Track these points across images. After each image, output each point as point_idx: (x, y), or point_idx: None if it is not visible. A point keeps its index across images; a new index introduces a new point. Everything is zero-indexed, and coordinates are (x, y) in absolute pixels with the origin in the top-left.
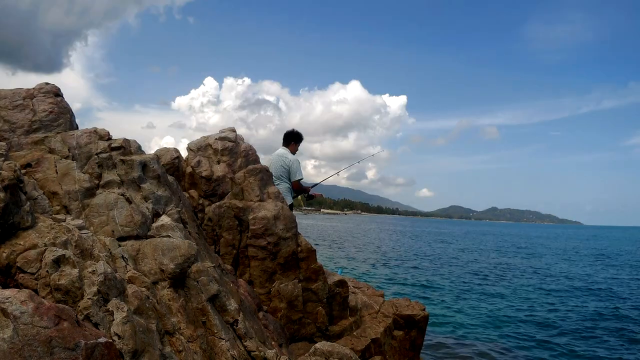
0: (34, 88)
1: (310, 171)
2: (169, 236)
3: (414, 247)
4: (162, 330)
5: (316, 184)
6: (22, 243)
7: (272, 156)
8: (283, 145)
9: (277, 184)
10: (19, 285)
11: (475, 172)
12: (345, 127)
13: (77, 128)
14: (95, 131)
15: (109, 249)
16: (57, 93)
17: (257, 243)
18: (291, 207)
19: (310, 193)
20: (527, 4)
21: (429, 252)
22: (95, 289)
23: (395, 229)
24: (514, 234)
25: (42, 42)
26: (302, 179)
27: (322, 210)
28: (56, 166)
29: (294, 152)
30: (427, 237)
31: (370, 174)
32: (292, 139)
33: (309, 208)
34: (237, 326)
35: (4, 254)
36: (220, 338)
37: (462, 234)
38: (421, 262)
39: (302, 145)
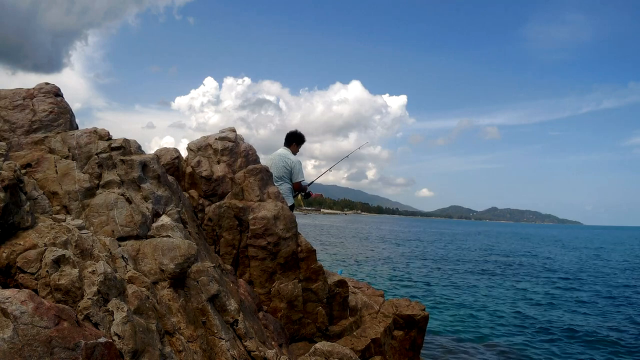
0: (34, 88)
1: (311, 171)
2: (169, 236)
3: (414, 247)
4: (162, 330)
5: (311, 182)
6: (22, 243)
7: (273, 156)
8: (285, 145)
9: (279, 185)
10: (19, 285)
11: (475, 172)
12: (346, 127)
13: (77, 128)
14: (95, 131)
15: (109, 249)
16: (57, 93)
17: (257, 243)
18: (292, 207)
19: (307, 192)
20: (527, 4)
21: (429, 252)
22: (95, 289)
23: (395, 229)
24: (515, 234)
25: (42, 42)
26: (303, 180)
27: (322, 210)
28: (56, 166)
29: (295, 153)
30: (427, 237)
31: (370, 174)
32: (294, 140)
33: (309, 208)
34: (237, 326)
35: (4, 254)
36: (220, 338)
37: (462, 234)
38: (421, 262)
39: (302, 145)
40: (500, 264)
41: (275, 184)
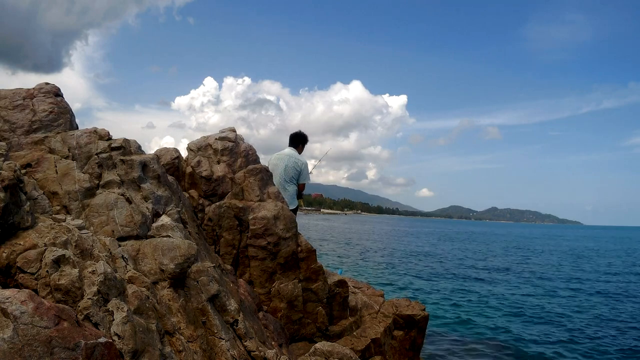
0: (34, 88)
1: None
2: (169, 236)
3: (414, 247)
4: (162, 330)
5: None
6: (22, 243)
7: (281, 155)
8: (290, 146)
9: (290, 186)
10: (19, 285)
11: (475, 172)
12: (346, 127)
13: (77, 128)
14: (95, 131)
15: (109, 249)
16: (57, 93)
17: (257, 243)
18: (296, 209)
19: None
20: (527, 4)
21: (429, 253)
22: (95, 289)
23: (395, 229)
24: (516, 234)
25: (42, 42)
26: (309, 182)
27: (322, 210)
28: (56, 166)
29: (300, 153)
30: (427, 238)
31: (371, 174)
32: (301, 141)
33: (309, 208)
34: (237, 326)
35: (4, 254)
36: (220, 338)
37: (462, 234)
38: (421, 262)
39: None
40: (500, 265)
41: (287, 185)
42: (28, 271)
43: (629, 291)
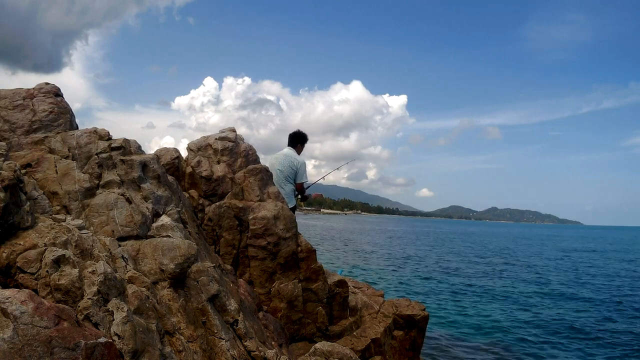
0: (34, 88)
1: (311, 171)
2: (169, 236)
3: (414, 247)
4: (162, 330)
5: (309, 186)
6: (22, 243)
7: (278, 155)
8: (289, 145)
9: (285, 185)
10: (19, 285)
11: (475, 172)
12: (347, 127)
13: (77, 128)
14: (95, 131)
15: (109, 249)
16: (57, 93)
17: (257, 243)
18: (294, 208)
19: (305, 194)
20: (527, 4)
21: (428, 252)
22: (95, 289)
23: (395, 229)
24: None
25: (42, 42)
26: (307, 181)
27: (322, 210)
28: (56, 166)
29: (299, 153)
30: (427, 238)
31: (371, 174)
32: (299, 141)
33: (309, 208)
34: (237, 326)
35: (4, 254)
36: (220, 338)
37: (462, 234)
38: (421, 262)
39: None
40: (500, 265)
41: (283, 184)
42: (28, 271)
43: (629, 292)
